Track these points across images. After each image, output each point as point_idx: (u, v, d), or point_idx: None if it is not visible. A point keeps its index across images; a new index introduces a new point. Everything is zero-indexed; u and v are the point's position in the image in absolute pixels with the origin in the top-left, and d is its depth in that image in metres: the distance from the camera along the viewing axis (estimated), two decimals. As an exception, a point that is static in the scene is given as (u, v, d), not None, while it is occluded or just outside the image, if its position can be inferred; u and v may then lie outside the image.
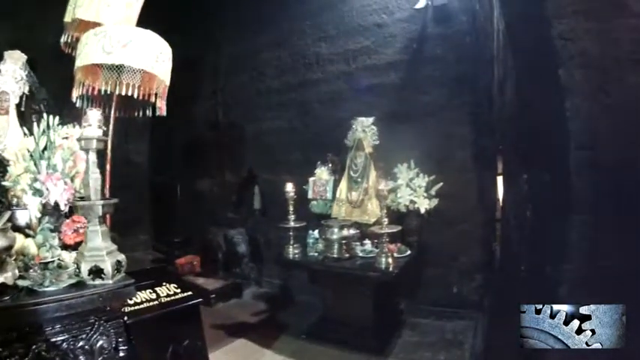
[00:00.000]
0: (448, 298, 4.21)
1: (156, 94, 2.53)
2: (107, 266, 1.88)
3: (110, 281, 1.89)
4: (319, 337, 3.78)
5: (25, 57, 2.75)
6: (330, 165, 4.53)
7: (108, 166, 2.57)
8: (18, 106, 2.69)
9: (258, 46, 5.85)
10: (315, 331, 3.89)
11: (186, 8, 6.13)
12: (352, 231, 3.78)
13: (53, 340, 1.76)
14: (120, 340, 1.99)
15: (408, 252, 3.77)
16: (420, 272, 4.24)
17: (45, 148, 2.08)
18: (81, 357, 1.83)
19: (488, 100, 3.90)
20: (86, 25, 2.53)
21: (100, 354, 1.87)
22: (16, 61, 2.70)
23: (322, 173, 4.52)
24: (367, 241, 3.88)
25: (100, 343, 1.88)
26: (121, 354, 1.96)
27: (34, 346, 1.72)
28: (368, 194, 4.15)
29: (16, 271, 1.78)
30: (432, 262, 4.25)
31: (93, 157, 1.94)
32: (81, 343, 1.83)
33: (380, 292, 3.62)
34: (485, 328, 3.52)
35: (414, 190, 4.04)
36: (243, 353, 3.67)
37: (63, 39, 2.79)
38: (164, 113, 2.61)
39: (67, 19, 2.73)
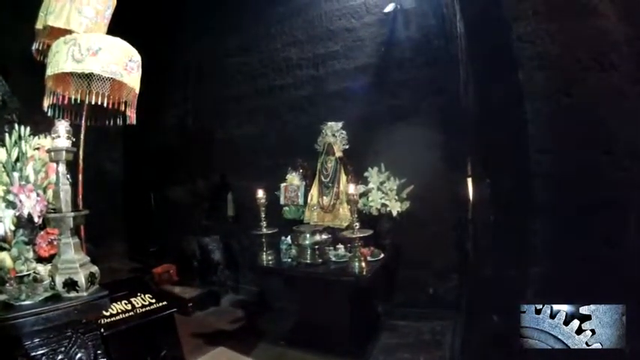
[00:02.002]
0: (425, 299, 4.23)
1: (125, 103, 2.53)
2: (81, 278, 1.87)
3: (85, 293, 1.88)
4: (298, 342, 3.76)
5: None
6: (300, 170, 4.53)
7: (80, 177, 2.52)
8: None
9: (227, 51, 5.84)
10: (294, 336, 3.87)
11: (154, 15, 6.07)
12: (324, 236, 3.76)
13: (33, 354, 1.75)
14: (98, 352, 1.98)
15: (382, 255, 3.78)
16: (395, 275, 4.25)
17: (17, 160, 2.04)
18: (60, 369, 1.81)
19: (455, 103, 3.97)
20: (58, 33, 2.49)
21: (79, 366, 1.85)
22: None
23: (293, 179, 4.52)
24: (340, 246, 3.87)
25: (79, 355, 1.87)
26: (101, 366, 1.94)
27: None
28: (339, 199, 4.17)
29: (-7, 286, 1.74)
30: (407, 264, 4.27)
31: (63, 168, 1.93)
32: (60, 357, 1.82)
33: (355, 296, 3.60)
34: (462, 328, 3.57)
35: (386, 193, 4.06)
36: (223, 361, 3.65)
37: (34, 46, 2.73)
38: (134, 122, 2.59)
39: (39, 26, 2.68)
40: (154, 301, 3.13)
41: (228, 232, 5.69)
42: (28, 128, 2.10)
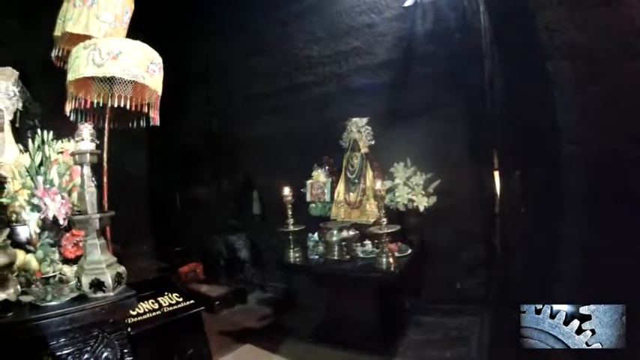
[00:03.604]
0: (452, 295, 4.19)
1: (148, 105, 2.55)
2: (107, 279, 1.89)
3: (111, 293, 1.90)
4: (325, 339, 3.77)
5: (17, 73, 2.77)
6: (326, 167, 4.54)
7: (105, 179, 2.56)
8: (12, 122, 2.71)
9: (248, 51, 5.84)
10: (321, 333, 3.88)
11: (173, 18, 6.13)
12: (352, 232, 3.76)
13: (58, 353, 1.77)
14: (125, 351, 1.99)
15: (409, 251, 3.75)
16: (423, 270, 4.21)
17: (41, 164, 2.08)
18: (86, 369, 1.83)
19: (480, 96, 3.90)
20: (76, 39, 2.53)
21: (105, 365, 1.88)
22: (7, 77, 2.72)
23: (319, 176, 4.53)
24: (367, 242, 3.87)
25: (105, 354, 1.89)
26: (126, 365, 1.96)
27: None
28: (366, 195, 4.16)
29: (19, 287, 1.79)
30: (434, 260, 4.23)
31: (87, 170, 1.95)
32: (86, 356, 1.84)
33: (383, 292, 3.61)
34: (489, 324, 3.51)
35: (412, 188, 4.03)
36: (250, 358, 3.68)
37: (54, 53, 2.79)
38: (158, 123, 2.61)
39: (57, 32, 2.74)
40: (181, 299, 3.13)
41: (254, 230, 5.74)
42: (51, 133, 2.14)
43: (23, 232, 2.12)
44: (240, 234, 5.72)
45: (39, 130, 2.14)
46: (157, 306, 2.98)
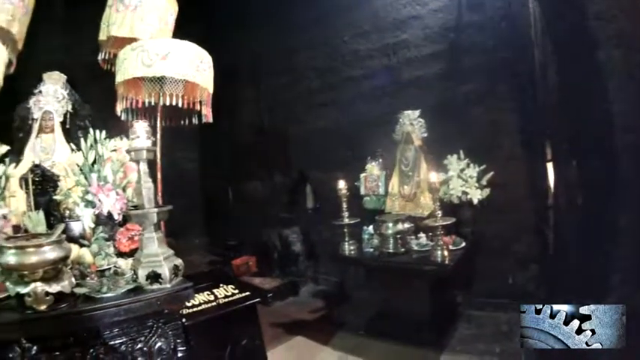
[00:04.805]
0: (503, 289, 4.06)
1: (200, 102, 2.60)
2: (164, 271, 1.95)
3: (168, 285, 1.96)
4: (377, 332, 3.75)
5: (65, 77, 2.91)
6: (380, 160, 4.53)
7: (159, 175, 2.65)
8: (62, 123, 2.85)
9: (296, 47, 5.88)
10: (373, 326, 3.86)
11: (219, 16, 6.25)
12: (407, 225, 3.73)
13: (111, 343, 1.85)
14: (178, 341, 2.05)
15: (463, 244, 3.71)
16: (475, 264, 4.12)
17: (94, 162, 2.17)
18: (139, 358, 1.91)
19: (531, 86, 3.77)
20: (122, 42, 2.63)
21: (158, 355, 1.95)
22: (55, 81, 2.86)
23: (373, 169, 4.52)
24: (422, 235, 3.85)
25: (159, 344, 1.96)
26: (179, 355, 2.02)
27: (91, 350, 1.80)
28: (420, 187, 4.13)
29: (73, 280, 1.88)
30: (487, 253, 4.12)
31: (144, 167, 2.02)
32: (139, 345, 1.91)
33: (436, 286, 3.57)
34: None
35: (466, 180, 3.98)
36: (301, 350, 3.71)
37: (100, 56, 2.92)
38: (210, 120, 2.67)
39: (102, 37, 2.86)
40: (236, 291, 3.16)
41: (307, 223, 5.79)
42: (104, 132, 2.22)
43: (76, 228, 2.21)
44: (293, 227, 5.78)
45: (91, 130, 2.22)
46: (212, 297, 3.02)
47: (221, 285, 3.21)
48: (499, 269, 4.11)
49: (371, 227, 4.03)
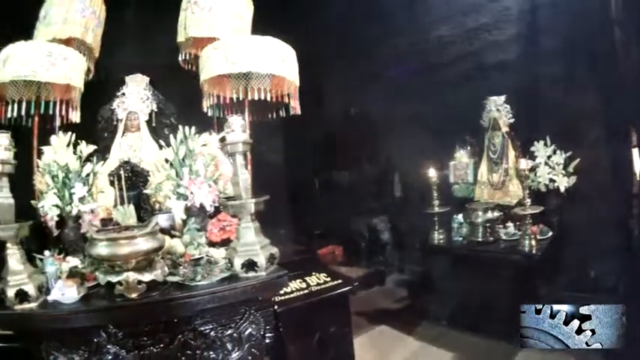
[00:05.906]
0: (585, 282, 3.85)
1: (288, 95, 2.65)
2: (261, 259, 2.00)
3: (263, 273, 2.01)
4: (460, 323, 3.73)
5: (147, 79, 3.07)
6: (468, 148, 4.46)
7: (249, 167, 2.72)
8: (148, 122, 3.03)
9: (379, 36, 5.77)
10: (456, 317, 3.83)
11: (295, 9, 6.29)
12: (496, 213, 3.71)
13: (201, 329, 1.93)
14: (267, 327, 2.11)
15: (550, 233, 3.59)
16: (561, 255, 3.91)
17: (185, 157, 2.28)
18: (228, 344, 1.99)
19: (613, 67, 3.52)
20: (200, 42, 2.74)
21: (248, 341, 2.02)
22: (138, 83, 3.04)
23: (462, 156, 4.48)
24: (510, 224, 3.78)
25: (249, 331, 2.03)
26: (267, 340, 2.08)
27: (180, 335, 1.89)
28: (508, 175, 4.04)
29: (166, 269, 1.98)
30: (573, 244, 3.90)
31: (240, 159, 2.08)
32: (229, 332, 1.99)
33: (522, 276, 3.42)
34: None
35: (553, 167, 3.85)
36: (384, 339, 3.73)
37: (180, 57, 3.07)
38: (299, 112, 2.73)
39: (181, 39, 2.99)
40: (328, 279, 3.21)
41: (396, 212, 5.76)
42: (193, 128, 2.33)
43: (166, 220, 2.35)
44: (381, 216, 5.76)
45: (179, 127, 2.33)
46: (304, 285, 3.09)
47: (313, 273, 3.27)
48: (582, 261, 3.92)
49: (460, 216, 3.99)
